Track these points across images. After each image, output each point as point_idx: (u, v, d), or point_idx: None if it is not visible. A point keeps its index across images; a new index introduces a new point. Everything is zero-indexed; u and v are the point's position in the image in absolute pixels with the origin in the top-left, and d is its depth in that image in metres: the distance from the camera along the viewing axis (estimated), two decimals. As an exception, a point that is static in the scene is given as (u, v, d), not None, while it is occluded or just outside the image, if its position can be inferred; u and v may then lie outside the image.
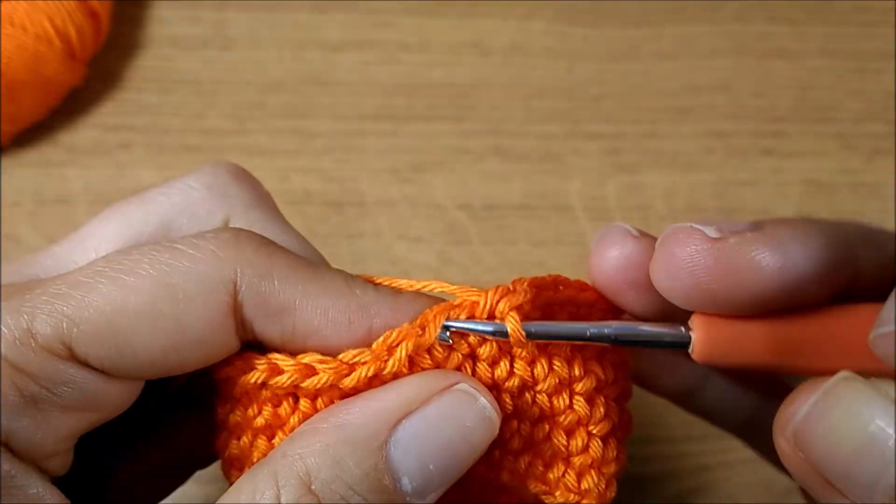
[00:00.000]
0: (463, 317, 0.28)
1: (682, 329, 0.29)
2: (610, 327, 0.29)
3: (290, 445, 0.26)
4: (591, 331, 0.29)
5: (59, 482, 0.28)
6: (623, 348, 0.32)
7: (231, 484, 0.28)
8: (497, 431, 0.28)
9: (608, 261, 0.31)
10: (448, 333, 0.28)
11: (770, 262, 0.27)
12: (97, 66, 0.57)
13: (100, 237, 0.31)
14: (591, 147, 0.57)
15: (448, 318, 0.28)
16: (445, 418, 0.27)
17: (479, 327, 0.28)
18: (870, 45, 0.61)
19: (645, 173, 0.57)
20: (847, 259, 0.29)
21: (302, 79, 0.58)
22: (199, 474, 0.37)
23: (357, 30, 0.60)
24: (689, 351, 0.29)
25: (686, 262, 0.27)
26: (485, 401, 0.28)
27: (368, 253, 0.54)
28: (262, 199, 0.33)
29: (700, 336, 0.28)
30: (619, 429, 0.31)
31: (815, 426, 0.26)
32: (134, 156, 0.56)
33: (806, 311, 0.28)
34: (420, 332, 0.28)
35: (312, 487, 0.25)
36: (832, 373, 0.27)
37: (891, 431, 0.25)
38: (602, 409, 0.30)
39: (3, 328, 0.26)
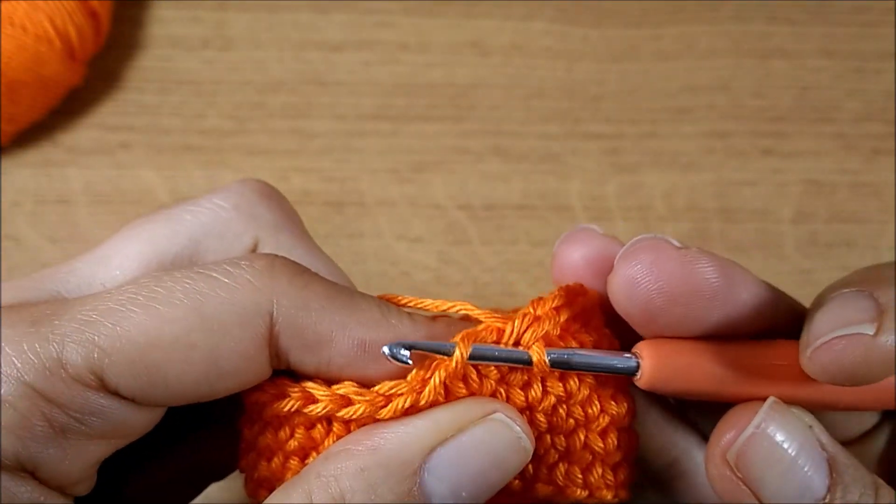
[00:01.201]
0: (488, 342, 0.29)
1: (631, 356, 0.29)
2: (572, 354, 0.29)
3: (323, 465, 0.26)
4: (552, 356, 0.29)
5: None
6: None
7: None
8: (530, 457, 0.28)
9: (573, 258, 0.32)
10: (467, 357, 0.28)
11: (718, 276, 0.28)
12: (97, 66, 0.57)
13: (123, 255, 0.30)
14: (590, 147, 0.57)
15: (476, 341, 0.28)
16: (480, 448, 0.27)
17: (503, 357, 0.28)
18: (870, 45, 0.61)
19: (645, 173, 0.57)
20: (773, 300, 0.30)
21: (302, 79, 0.59)
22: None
23: (357, 30, 0.60)
24: (637, 377, 0.29)
25: (653, 266, 0.28)
26: (519, 429, 0.28)
27: (368, 253, 0.54)
28: (290, 219, 0.33)
29: (648, 363, 0.29)
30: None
31: (757, 447, 0.28)
32: (134, 156, 0.56)
33: (741, 342, 0.30)
34: (449, 360, 0.28)
35: None
36: (761, 399, 0.29)
37: (811, 454, 0.28)
38: (625, 404, 0.31)
39: (33, 358, 0.25)
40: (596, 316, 0.32)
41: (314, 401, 0.28)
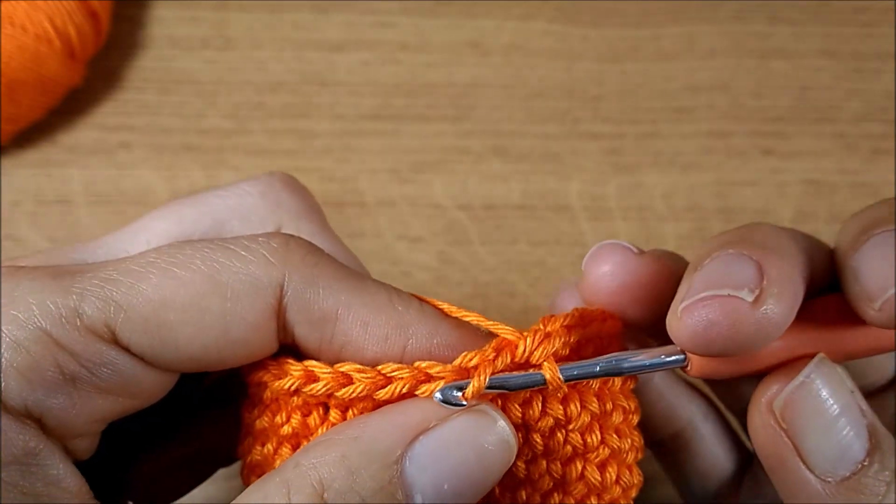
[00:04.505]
0: (501, 364, 0.28)
1: (678, 348, 0.29)
2: (621, 359, 0.29)
3: (304, 456, 0.26)
4: (605, 362, 0.29)
5: (86, 470, 0.28)
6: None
7: None
8: (514, 457, 0.28)
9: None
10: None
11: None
12: (97, 66, 0.57)
13: (152, 231, 0.31)
14: (590, 147, 0.57)
15: (493, 370, 0.28)
16: (463, 437, 0.27)
17: (519, 383, 0.28)
18: (869, 45, 0.61)
19: (645, 173, 0.57)
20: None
21: (302, 79, 0.59)
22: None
23: (357, 30, 0.60)
24: (687, 367, 0.29)
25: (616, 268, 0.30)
26: (503, 424, 0.28)
27: (368, 253, 0.54)
28: (312, 209, 0.34)
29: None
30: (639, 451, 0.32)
31: (805, 397, 0.28)
32: (134, 156, 0.56)
33: None
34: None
35: (325, 496, 0.25)
36: (808, 357, 0.29)
37: (854, 417, 0.28)
38: (630, 440, 0.30)
39: (50, 305, 0.26)
40: (615, 343, 0.31)
41: (315, 379, 0.28)
